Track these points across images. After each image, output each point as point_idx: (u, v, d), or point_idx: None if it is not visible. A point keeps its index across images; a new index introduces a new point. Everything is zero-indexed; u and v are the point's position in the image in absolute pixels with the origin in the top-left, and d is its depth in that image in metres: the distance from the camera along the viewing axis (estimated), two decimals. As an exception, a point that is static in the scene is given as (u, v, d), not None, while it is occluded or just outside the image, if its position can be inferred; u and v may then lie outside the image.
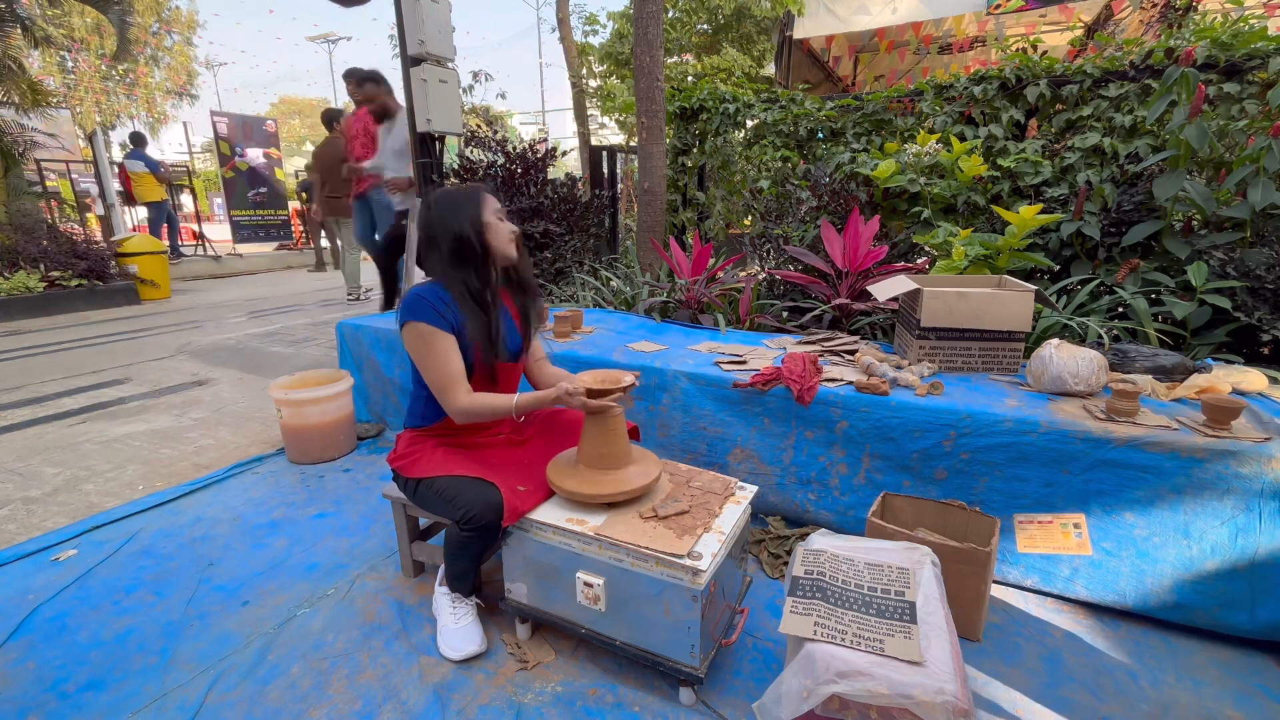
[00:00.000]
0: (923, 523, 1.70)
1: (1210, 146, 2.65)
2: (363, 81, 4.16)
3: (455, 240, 1.51)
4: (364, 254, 5.84)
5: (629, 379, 1.47)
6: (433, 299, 1.49)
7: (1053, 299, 2.48)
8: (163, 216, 8.76)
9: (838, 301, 2.77)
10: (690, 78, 8.88)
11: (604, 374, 1.51)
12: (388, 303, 4.45)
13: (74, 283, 6.23)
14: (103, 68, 12.74)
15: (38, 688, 1.40)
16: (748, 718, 1.31)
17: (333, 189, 5.79)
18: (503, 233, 1.56)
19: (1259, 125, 2.78)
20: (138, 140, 8.62)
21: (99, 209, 9.38)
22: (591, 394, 1.43)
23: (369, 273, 5.95)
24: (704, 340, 2.56)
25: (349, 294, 6.39)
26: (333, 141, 5.64)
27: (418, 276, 3.24)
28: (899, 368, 2.04)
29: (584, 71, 9.83)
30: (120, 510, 2.20)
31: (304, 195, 9.54)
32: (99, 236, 7.87)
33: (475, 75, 12.72)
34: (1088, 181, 2.97)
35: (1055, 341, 1.87)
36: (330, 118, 5.97)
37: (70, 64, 12.33)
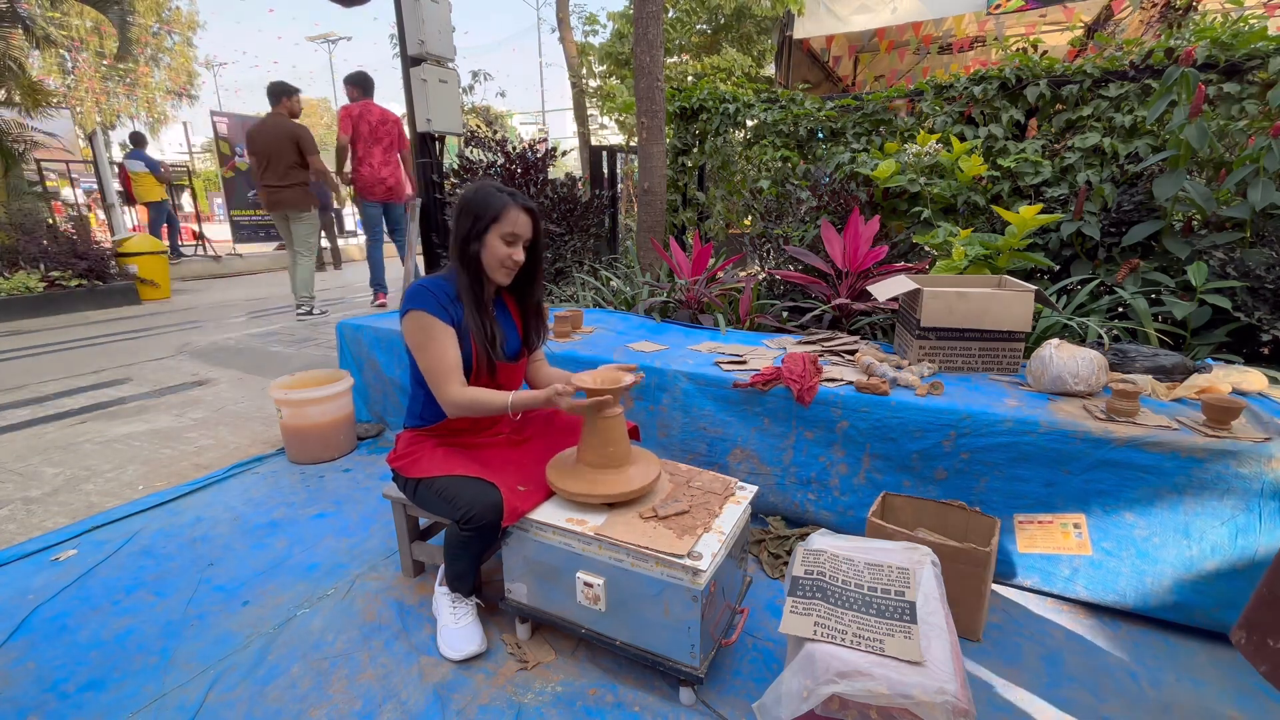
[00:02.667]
0: (923, 523, 1.70)
1: (1210, 146, 2.65)
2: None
3: (461, 241, 1.52)
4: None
5: (629, 379, 1.46)
6: (436, 291, 1.51)
7: (1053, 299, 2.48)
8: (163, 216, 8.77)
9: (838, 301, 2.77)
10: (690, 78, 8.88)
11: (603, 374, 1.51)
12: None
13: (74, 283, 6.23)
14: (103, 68, 12.74)
15: (38, 688, 1.40)
16: (748, 718, 1.31)
17: (278, 176, 4.82)
18: (498, 256, 1.51)
19: (1259, 125, 2.78)
20: (138, 140, 8.62)
21: (99, 212, 9.38)
22: (589, 393, 1.42)
23: (330, 280, 5.46)
24: (704, 340, 2.56)
25: (299, 307, 5.25)
26: (277, 120, 4.83)
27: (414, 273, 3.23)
28: (899, 368, 2.04)
29: (584, 71, 9.83)
30: (120, 510, 2.20)
31: None
32: (99, 236, 7.88)
33: (475, 75, 12.72)
34: (1088, 181, 2.97)
35: (1055, 341, 1.87)
36: (279, 92, 4.88)
37: (70, 64, 12.33)
